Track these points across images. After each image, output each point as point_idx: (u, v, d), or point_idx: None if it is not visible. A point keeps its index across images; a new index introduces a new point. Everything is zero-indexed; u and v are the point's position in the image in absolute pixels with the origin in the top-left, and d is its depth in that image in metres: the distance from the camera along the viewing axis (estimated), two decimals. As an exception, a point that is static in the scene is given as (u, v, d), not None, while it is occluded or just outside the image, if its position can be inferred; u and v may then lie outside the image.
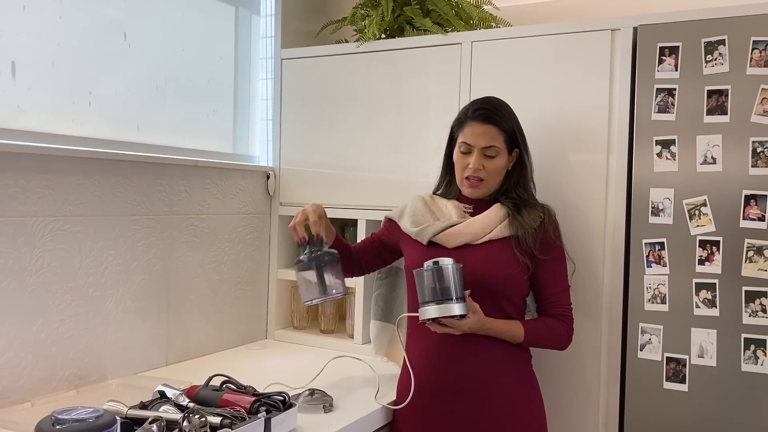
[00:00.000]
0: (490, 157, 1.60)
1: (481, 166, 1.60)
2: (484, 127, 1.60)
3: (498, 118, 1.61)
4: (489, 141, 1.59)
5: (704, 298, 1.58)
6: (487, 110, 1.62)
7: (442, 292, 1.43)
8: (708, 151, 1.58)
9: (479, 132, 1.60)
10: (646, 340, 1.64)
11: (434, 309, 1.43)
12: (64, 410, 1.00)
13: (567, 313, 1.61)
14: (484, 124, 1.60)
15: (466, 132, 1.62)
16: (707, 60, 1.58)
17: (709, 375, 1.58)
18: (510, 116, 1.64)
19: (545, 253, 1.58)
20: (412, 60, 2.07)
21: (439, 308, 1.42)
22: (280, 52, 2.32)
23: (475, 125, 1.61)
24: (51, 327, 1.62)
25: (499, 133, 1.60)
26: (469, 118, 1.63)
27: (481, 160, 1.60)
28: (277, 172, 2.33)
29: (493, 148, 1.60)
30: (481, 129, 1.60)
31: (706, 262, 1.58)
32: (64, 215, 1.64)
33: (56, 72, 1.68)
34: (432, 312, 1.43)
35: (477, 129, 1.60)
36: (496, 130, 1.60)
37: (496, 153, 1.60)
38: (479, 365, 1.56)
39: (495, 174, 1.62)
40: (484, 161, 1.60)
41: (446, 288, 1.43)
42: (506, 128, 1.61)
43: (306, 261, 1.60)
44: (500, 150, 1.60)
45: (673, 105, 1.62)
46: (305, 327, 2.38)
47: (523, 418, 1.57)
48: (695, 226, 1.60)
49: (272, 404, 1.42)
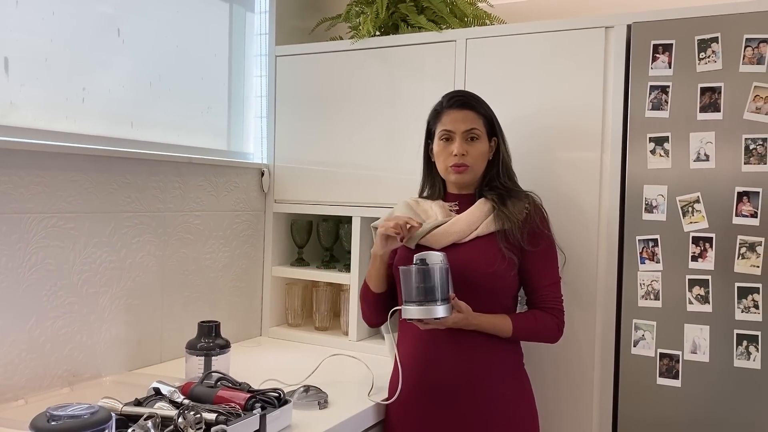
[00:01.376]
0: (473, 140, 1.61)
1: (465, 152, 1.60)
2: (463, 113, 1.61)
3: (474, 104, 1.64)
4: (470, 124, 1.60)
5: (697, 295, 1.59)
6: (462, 97, 1.65)
7: (426, 293, 1.43)
8: (701, 148, 1.59)
9: (458, 117, 1.61)
10: (640, 336, 1.65)
11: (417, 310, 1.43)
12: (59, 407, 1.00)
13: (557, 306, 1.61)
14: (463, 110, 1.62)
15: (445, 120, 1.63)
16: (700, 57, 1.59)
17: (702, 371, 1.59)
18: (485, 103, 1.66)
19: (534, 245, 1.58)
20: (407, 57, 2.07)
21: (422, 309, 1.43)
22: (274, 49, 2.31)
23: (452, 112, 1.62)
24: (45, 324, 1.61)
25: (478, 116, 1.62)
26: (445, 107, 1.65)
27: (464, 146, 1.60)
28: (272, 170, 2.33)
29: (474, 130, 1.60)
30: (460, 114, 1.61)
31: (699, 258, 1.59)
32: (58, 212, 1.63)
33: (49, 68, 1.68)
34: (415, 312, 1.44)
35: (456, 115, 1.62)
36: (474, 115, 1.62)
37: (477, 135, 1.61)
38: (470, 363, 1.55)
39: (479, 159, 1.62)
40: (467, 146, 1.60)
41: (431, 288, 1.43)
42: (483, 113, 1.63)
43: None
44: (481, 133, 1.61)
45: (666, 102, 1.63)
46: (300, 324, 2.38)
47: (514, 416, 1.57)
48: (688, 222, 1.61)
49: (267, 401, 1.42)
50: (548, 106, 1.85)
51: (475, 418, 1.54)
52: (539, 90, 1.86)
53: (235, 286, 2.23)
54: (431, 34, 2.02)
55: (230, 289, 2.20)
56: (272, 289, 2.36)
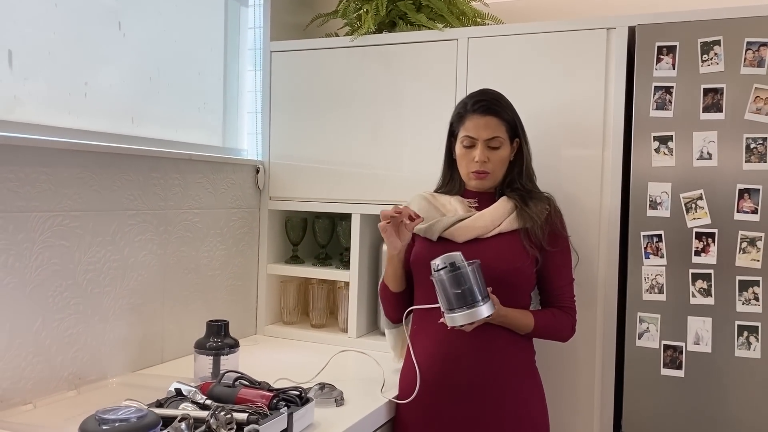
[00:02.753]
0: (494, 149, 1.62)
1: (487, 159, 1.62)
2: (486, 119, 1.61)
3: (498, 109, 1.63)
4: (492, 132, 1.61)
5: (700, 288, 1.65)
6: (486, 101, 1.63)
7: (465, 296, 1.41)
8: (704, 147, 1.65)
9: (481, 124, 1.61)
10: (644, 329, 1.70)
11: (461, 316, 1.41)
12: (107, 410, 0.98)
13: (572, 305, 1.66)
14: (486, 116, 1.62)
15: (468, 125, 1.64)
16: (703, 59, 1.65)
17: (704, 361, 1.66)
18: (509, 106, 1.66)
19: (553, 245, 1.62)
20: (407, 55, 2.07)
21: (467, 314, 1.41)
22: (269, 45, 2.29)
23: (476, 118, 1.62)
24: (51, 326, 1.57)
25: (501, 123, 1.62)
26: (469, 111, 1.64)
27: (486, 153, 1.62)
28: (267, 166, 2.31)
29: (496, 139, 1.61)
30: (483, 121, 1.62)
31: (702, 253, 1.65)
32: (63, 210, 1.58)
33: (53, 61, 1.62)
34: (461, 319, 1.42)
35: (479, 121, 1.62)
36: (498, 121, 1.62)
37: (499, 144, 1.62)
38: (487, 361, 1.57)
39: (500, 165, 1.64)
40: (488, 153, 1.62)
41: (470, 290, 1.41)
42: (507, 118, 1.63)
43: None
44: (503, 141, 1.62)
45: (670, 102, 1.68)
46: (295, 322, 2.36)
47: (528, 413, 1.60)
48: (691, 218, 1.66)
49: (290, 399, 1.41)
50: (550, 105, 1.89)
51: (491, 414, 1.56)
52: (541, 89, 1.90)
53: (232, 284, 2.20)
54: (433, 32, 2.03)
55: (227, 288, 2.18)
56: (267, 287, 2.33)
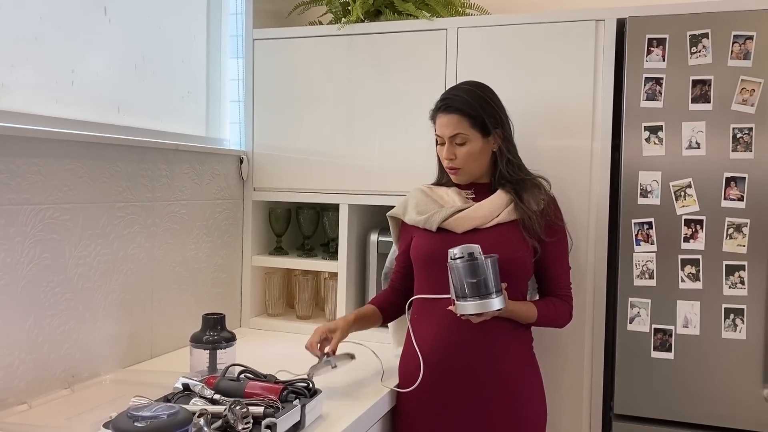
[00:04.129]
0: (460, 145, 1.64)
1: (453, 155, 1.64)
2: (447, 117, 1.64)
3: (459, 106, 1.62)
4: (453, 130, 1.63)
5: (689, 273, 1.71)
6: (447, 99, 1.66)
7: (479, 287, 1.44)
8: (693, 137, 1.70)
9: (443, 123, 1.65)
10: (635, 314, 1.76)
11: (474, 305, 1.44)
12: (137, 407, 0.95)
13: (569, 293, 1.70)
14: (447, 114, 1.64)
15: (437, 125, 1.68)
16: (692, 52, 1.70)
17: (692, 343, 1.72)
18: (477, 100, 1.63)
19: (550, 236, 1.64)
20: (395, 45, 2.06)
21: (479, 304, 1.43)
22: (252, 32, 2.24)
23: (440, 117, 1.66)
24: (43, 323, 1.51)
25: (462, 119, 1.62)
26: (436, 110, 1.68)
27: (452, 150, 1.64)
28: (250, 157, 2.27)
29: (459, 135, 1.63)
30: (445, 119, 1.64)
31: (691, 239, 1.71)
32: (54, 202, 1.52)
33: (39, 48, 1.55)
34: (472, 308, 1.44)
35: (442, 120, 1.66)
36: (459, 118, 1.62)
37: (463, 140, 1.63)
38: (488, 348, 1.59)
39: (469, 160, 1.64)
40: (455, 150, 1.64)
41: (485, 281, 1.43)
42: (471, 113, 1.61)
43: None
44: (468, 136, 1.62)
45: (660, 93, 1.73)
46: (280, 314, 2.34)
47: (527, 398, 1.63)
48: (681, 206, 1.72)
49: (298, 391, 1.40)
50: (540, 96, 1.91)
51: (492, 400, 1.59)
52: (531, 80, 1.92)
53: (217, 277, 2.16)
54: (421, 22, 2.03)
55: (213, 281, 2.14)
56: (252, 279, 2.30)
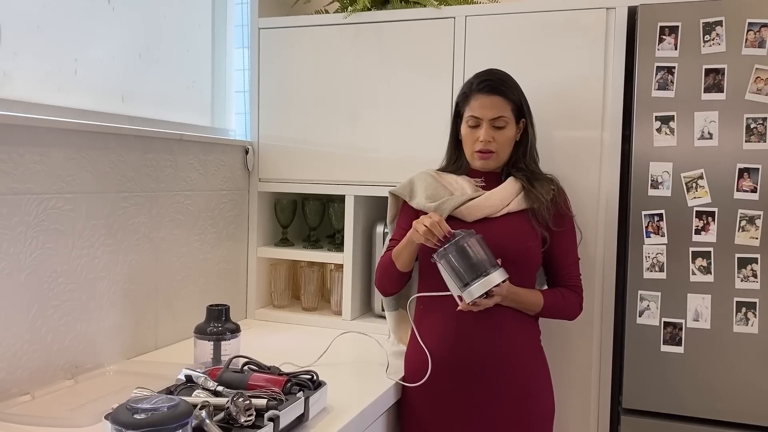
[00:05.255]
0: (500, 128, 1.62)
1: (491, 138, 1.61)
2: (491, 99, 1.61)
3: (504, 89, 1.62)
4: (497, 112, 1.61)
5: (700, 266, 1.68)
6: (492, 81, 1.63)
7: (475, 268, 1.43)
8: (705, 127, 1.67)
9: (486, 104, 1.61)
10: (645, 307, 1.73)
11: (479, 286, 1.42)
12: (137, 399, 0.93)
13: (578, 284, 1.67)
14: (491, 96, 1.61)
15: (473, 105, 1.63)
16: (705, 40, 1.66)
17: (703, 337, 1.69)
18: (515, 86, 1.66)
19: (559, 226, 1.62)
20: (403, 33, 2.04)
21: (482, 283, 1.42)
22: (257, 21, 2.22)
23: (481, 97, 1.62)
24: (47, 313, 1.50)
25: (507, 103, 1.62)
26: (474, 91, 1.63)
27: (490, 132, 1.61)
28: (256, 147, 2.25)
29: (501, 118, 1.61)
30: (488, 101, 1.61)
31: (702, 231, 1.68)
32: (57, 192, 1.51)
33: (42, 36, 1.54)
34: (478, 289, 1.42)
35: (484, 101, 1.61)
36: (503, 101, 1.61)
37: (505, 123, 1.62)
38: (495, 340, 1.57)
39: (505, 145, 1.64)
40: (493, 133, 1.62)
41: (481, 261, 1.43)
42: (513, 98, 1.63)
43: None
44: (509, 120, 1.62)
45: (672, 82, 1.69)
46: (286, 305, 2.33)
47: (534, 391, 1.61)
48: (692, 198, 1.69)
49: (302, 384, 1.39)
50: (548, 85, 1.88)
51: (499, 393, 1.56)
52: (540, 70, 1.89)
53: (223, 267, 2.15)
54: (429, 10, 2.00)
55: (218, 272, 2.12)
56: (257, 270, 2.29)
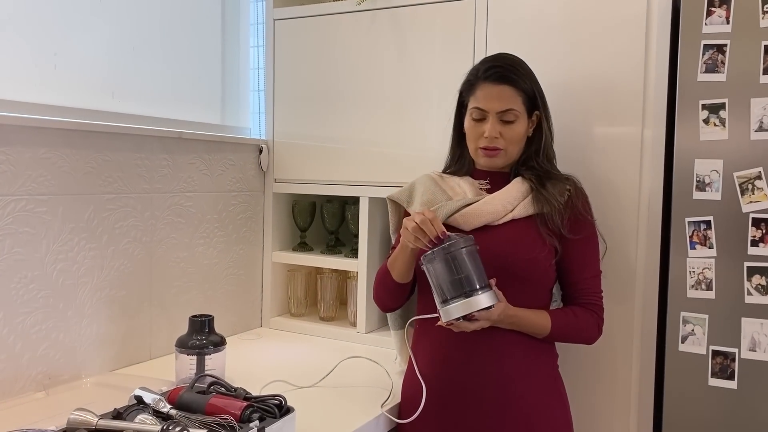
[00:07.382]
0: (508, 123, 1.40)
1: (498, 134, 1.40)
2: (499, 88, 1.39)
3: (514, 77, 1.40)
4: (505, 104, 1.39)
5: (757, 284, 1.40)
6: (500, 68, 1.41)
7: (461, 284, 1.22)
8: (764, 116, 1.38)
9: (493, 94, 1.39)
10: (689, 331, 1.46)
11: (459, 306, 1.21)
12: None
13: (597, 302, 1.43)
14: (499, 85, 1.39)
15: (478, 95, 1.41)
16: (765, 10, 1.37)
17: (762, 370, 1.40)
18: (528, 74, 1.43)
19: (575, 232, 1.38)
20: (420, 17, 1.85)
21: (464, 304, 1.21)
22: (272, 12, 2.09)
23: (488, 87, 1.40)
24: (14, 321, 1.43)
25: (517, 93, 1.40)
26: (480, 79, 1.42)
27: (497, 127, 1.40)
28: (271, 146, 2.13)
29: (510, 111, 1.39)
30: (496, 91, 1.39)
31: (760, 243, 1.39)
32: (27, 194, 1.43)
33: (15, 29, 1.47)
34: (457, 310, 1.22)
35: (491, 91, 1.40)
36: (513, 91, 1.39)
37: (514, 117, 1.40)
38: (498, 365, 1.36)
39: (514, 142, 1.42)
40: (501, 128, 1.40)
41: (468, 277, 1.22)
42: (524, 88, 1.40)
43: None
44: (519, 114, 1.40)
45: (723, 63, 1.41)
46: (303, 314, 2.19)
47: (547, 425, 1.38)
48: (747, 202, 1.40)
49: (267, 409, 1.23)
50: (580, 73, 1.64)
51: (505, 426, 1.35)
52: (570, 55, 1.65)
53: (233, 273, 2.03)
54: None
55: (227, 278, 2.01)
56: (273, 276, 2.17)
